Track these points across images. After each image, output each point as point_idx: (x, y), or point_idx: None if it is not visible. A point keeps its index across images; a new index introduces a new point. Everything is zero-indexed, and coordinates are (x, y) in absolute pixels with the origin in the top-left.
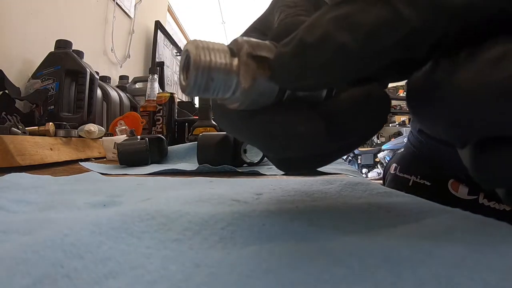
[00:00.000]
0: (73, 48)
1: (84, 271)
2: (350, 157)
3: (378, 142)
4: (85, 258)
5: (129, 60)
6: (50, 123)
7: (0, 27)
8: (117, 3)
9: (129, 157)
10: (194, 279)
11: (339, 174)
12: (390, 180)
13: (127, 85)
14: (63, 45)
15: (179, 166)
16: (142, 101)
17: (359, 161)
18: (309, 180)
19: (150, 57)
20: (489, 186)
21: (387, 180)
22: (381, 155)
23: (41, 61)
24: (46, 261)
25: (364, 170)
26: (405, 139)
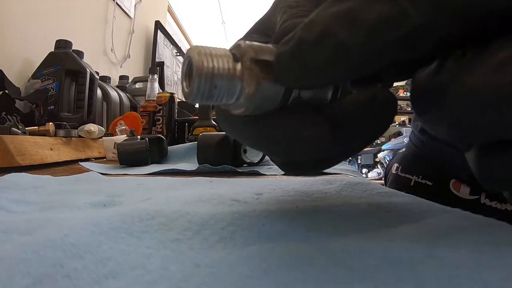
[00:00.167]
0: (73, 48)
1: (84, 271)
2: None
3: (378, 142)
4: (85, 258)
5: (129, 60)
6: (50, 123)
7: (0, 27)
8: (117, 3)
9: (129, 157)
10: (194, 279)
11: (339, 174)
12: (391, 180)
13: (127, 85)
14: (63, 45)
15: (179, 166)
16: (142, 101)
17: (359, 161)
18: (309, 180)
19: (150, 57)
20: (494, 189)
21: (389, 180)
22: (381, 155)
23: (41, 61)
24: (46, 261)
25: (364, 170)
26: (405, 139)
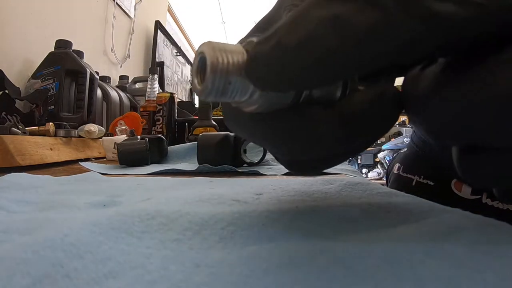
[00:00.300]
0: (73, 48)
1: (84, 271)
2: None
3: (378, 142)
4: (85, 258)
5: (129, 60)
6: (50, 123)
7: (0, 27)
8: (117, 3)
9: (129, 157)
10: (194, 279)
11: (339, 174)
12: (393, 180)
13: (127, 85)
14: (63, 45)
15: (179, 166)
16: (142, 101)
17: (359, 161)
18: (309, 180)
19: (150, 57)
20: (476, 186)
21: (391, 180)
22: (381, 155)
23: (41, 61)
24: (46, 261)
25: (364, 170)
26: (405, 139)
